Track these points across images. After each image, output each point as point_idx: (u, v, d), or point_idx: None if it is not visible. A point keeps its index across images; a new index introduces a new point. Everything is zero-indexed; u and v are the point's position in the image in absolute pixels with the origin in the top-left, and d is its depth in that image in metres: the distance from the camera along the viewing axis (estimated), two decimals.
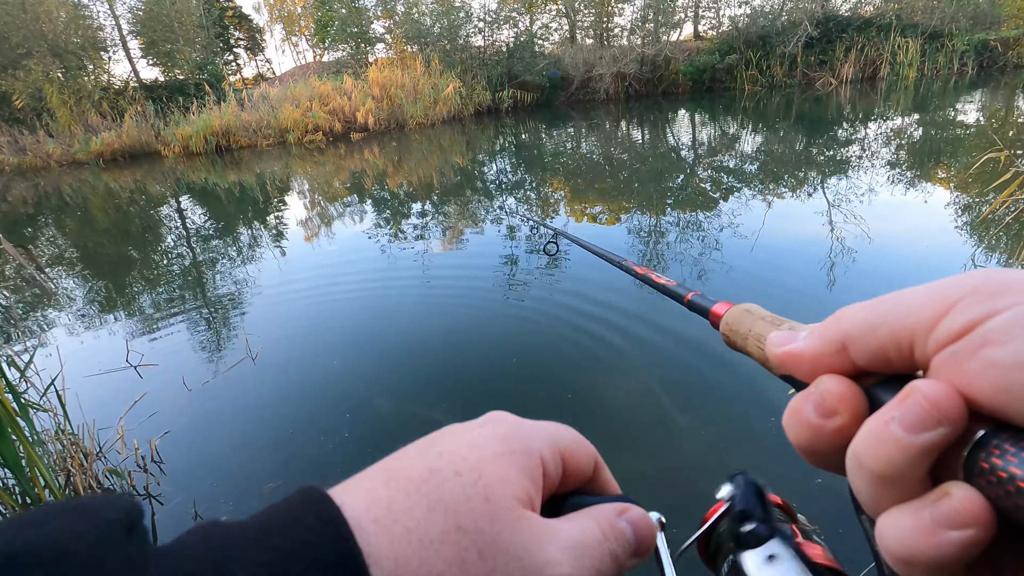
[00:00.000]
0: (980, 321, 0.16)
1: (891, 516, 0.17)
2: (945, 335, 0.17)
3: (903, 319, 0.18)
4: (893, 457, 0.17)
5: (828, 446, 0.20)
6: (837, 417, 0.20)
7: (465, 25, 19.24)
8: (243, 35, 30.33)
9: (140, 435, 2.33)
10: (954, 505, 0.16)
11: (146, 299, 4.24)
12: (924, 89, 13.38)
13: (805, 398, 0.21)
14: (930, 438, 0.16)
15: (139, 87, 18.28)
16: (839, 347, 0.20)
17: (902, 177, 5.55)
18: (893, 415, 0.17)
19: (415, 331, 3.14)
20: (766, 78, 17.37)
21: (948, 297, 0.17)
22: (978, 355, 0.16)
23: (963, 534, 0.16)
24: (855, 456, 0.18)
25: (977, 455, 0.16)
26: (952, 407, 0.16)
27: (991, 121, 8.32)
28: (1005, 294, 0.16)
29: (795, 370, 0.22)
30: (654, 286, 0.56)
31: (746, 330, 0.32)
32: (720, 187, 5.98)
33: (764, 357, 0.29)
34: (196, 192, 9.47)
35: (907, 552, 0.17)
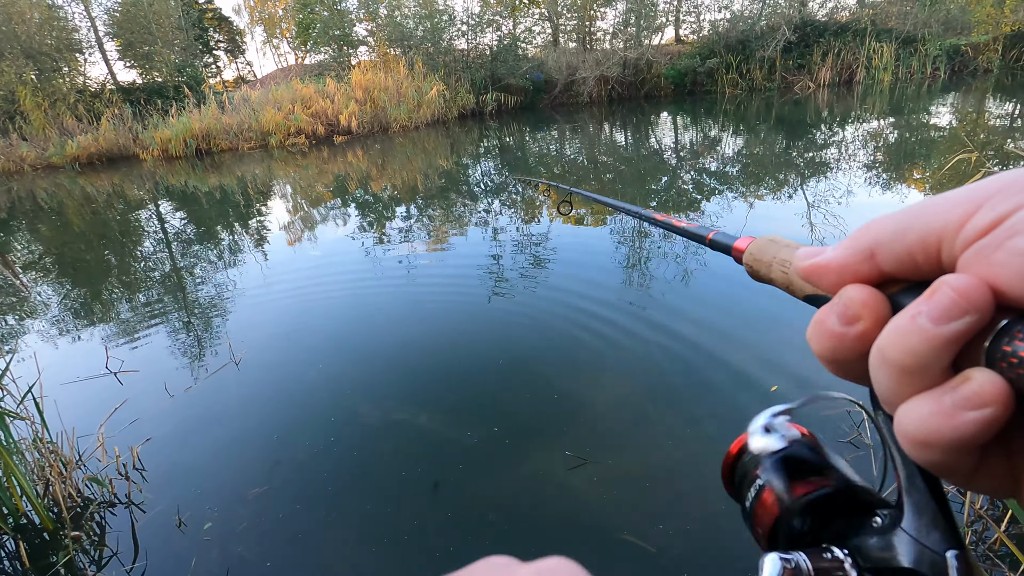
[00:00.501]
0: (1008, 215, 0.16)
1: (912, 403, 0.18)
2: (973, 232, 0.17)
3: (932, 221, 0.18)
4: (919, 348, 0.17)
5: (851, 353, 0.20)
6: (860, 323, 0.20)
7: (448, 28, 19.24)
8: (223, 37, 29.97)
9: (121, 442, 2.29)
10: (974, 388, 0.16)
11: (126, 305, 4.16)
12: (899, 93, 13.69)
13: (829, 310, 0.21)
14: (957, 327, 0.16)
15: (116, 89, 17.96)
16: (868, 254, 0.20)
17: (879, 178, 5.67)
18: (921, 309, 0.17)
19: (401, 333, 3.12)
20: (746, 82, 17.63)
21: (976, 198, 0.17)
22: (1004, 246, 0.16)
23: (982, 413, 0.16)
24: (880, 351, 0.18)
25: (1000, 341, 0.16)
26: (979, 296, 0.16)
27: (963, 124, 8.54)
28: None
29: (822, 282, 0.22)
30: (675, 230, 0.56)
31: (770, 257, 0.31)
32: (703, 189, 6.05)
33: (788, 281, 0.29)
34: (176, 196, 9.32)
35: (926, 434, 0.17)
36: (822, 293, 0.23)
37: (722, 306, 3.08)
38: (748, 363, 2.49)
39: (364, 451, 2.15)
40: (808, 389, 2.21)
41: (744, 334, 2.77)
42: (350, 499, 1.91)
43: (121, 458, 2.18)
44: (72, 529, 1.90)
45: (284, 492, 1.96)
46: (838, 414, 2.07)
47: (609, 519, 1.74)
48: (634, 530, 1.68)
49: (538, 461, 2.02)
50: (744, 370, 2.44)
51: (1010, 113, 9.13)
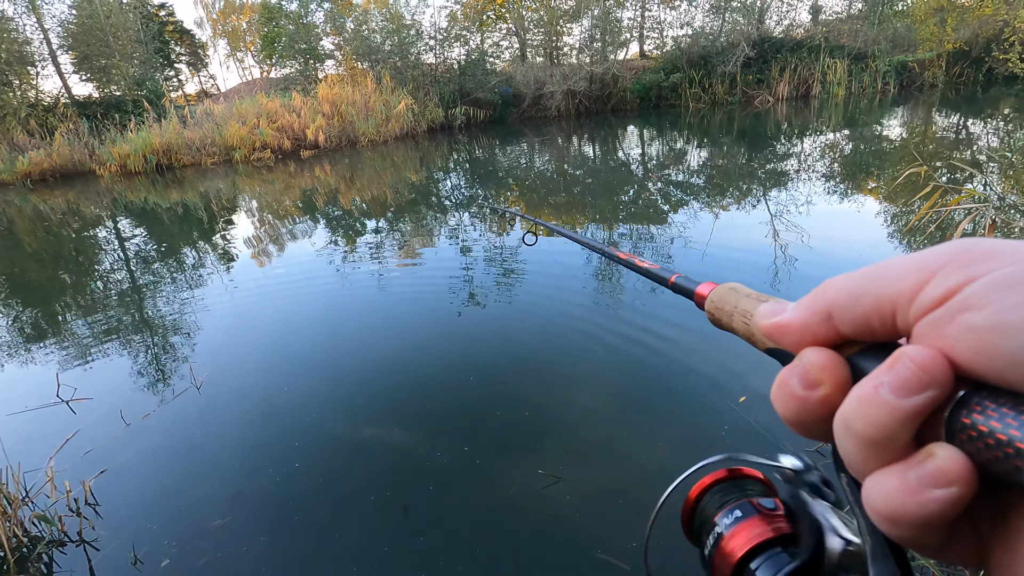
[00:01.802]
0: (959, 288, 0.17)
1: (878, 478, 0.18)
2: (926, 303, 0.18)
3: (886, 288, 0.19)
4: (883, 420, 0.17)
5: (814, 417, 0.20)
6: (821, 388, 0.20)
7: (416, 43, 19.28)
8: (185, 50, 29.38)
9: (72, 476, 2.17)
10: (938, 464, 0.17)
11: (80, 328, 3.98)
12: (852, 106, 14.27)
13: (790, 371, 0.21)
14: (919, 401, 0.17)
15: (71, 103, 17.37)
16: (825, 316, 0.21)
17: (836, 189, 5.88)
18: (883, 380, 0.18)
19: (369, 351, 3.07)
20: (709, 96, 18.13)
21: (929, 266, 0.18)
22: (957, 320, 0.17)
23: (947, 492, 0.16)
24: (844, 421, 0.19)
25: (958, 413, 0.17)
26: (939, 370, 0.17)
27: (912, 136, 8.95)
28: (982, 262, 0.17)
29: (783, 341, 0.23)
30: (637, 270, 0.56)
31: (732, 307, 0.32)
32: (670, 200, 6.16)
33: (750, 332, 0.29)
34: (135, 213, 9.02)
35: (893, 511, 0.17)
36: (783, 349, 0.23)
37: (692, 317, 3.13)
38: (718, 373, 2.52)
39: (331, 476, 2.09)
40: None
41: (713, 344, 2.81)
42: (316, 527, 1.84)
43: (72, 493, 2.07)
44: (17, 572, 1.78)
45: (247, 523, 1.89)
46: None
47: (583, 538, 1.72)
48: (608, 548, 1.66)
49: (510, 480, 1.99)
50: (715, 380, 2.47)
51: (955, 125, 9.60)
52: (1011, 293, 0.16)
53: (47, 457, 2.25)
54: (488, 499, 1.92)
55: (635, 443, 2.12)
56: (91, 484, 2.12)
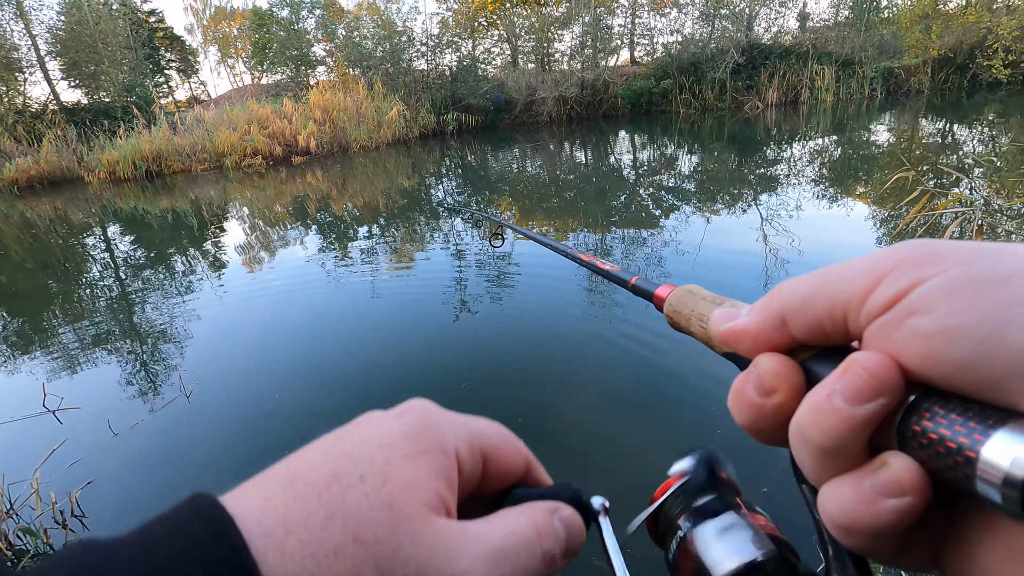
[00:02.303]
0: (906, 292, 0.17)
1: (833, 487, 0.18)
2: (875, 307, 0.18)
3: (837, 293, 0.19)
4: (836, 429, 0.17)
5: (770, 423, 0.21)
6: (776, 395, 0.20)
7: (408, 49, 19.32)
8: (175, 57, 29.30)
9: (59, 487, 2.13)
10: (892, 474, 0.17)
11: (67, 336, 3.93)
12: (840, 112, 14.44)
13: (746, 379, 0.21)
14: (871, 408, 0.17)
15: (59, 110, 17.25)
16: (780, 321, 0.21)
17: (826, 193, 5.93)
18: (835, 388, 0.18)
19: (360, 359, 3.05)
20: (699, 102, 18.30)
21: (878, 270, 0.18)
22: (905, 325, 0.17)
23: (901, 501, 0.16)
24: (799, 429, 0.19)
25: (909, 420, 0.17)
26: (890, 377, 0.17)
27: (900, 141, 9.06)
28: (929, 264, 0.17)
29: (738, 346, 0.22)
30: (599, 272, 0.56)
31: (689, 311, 0.32)
32: (661, 205, 6.19)
33: (707, 336, 0.29)
34: (124, 220, 8.95)
35: (849, 521, 0.17)
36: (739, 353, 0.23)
37: None
38: (711, 376, 2.52)
39: None
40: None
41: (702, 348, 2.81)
42: None
43: (58, 504, 2.03)
44: None
45: None
46: None
47: None
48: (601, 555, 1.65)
49: None
50: (707, 383, 2.47)
51: (941, 131, 9.74)
52: (957, 297, 0.16)
53: (32, 468, 2.21)
54: None
55: (628, 448, 2.12)
56: (77, 495, 2.08)
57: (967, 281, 0.16)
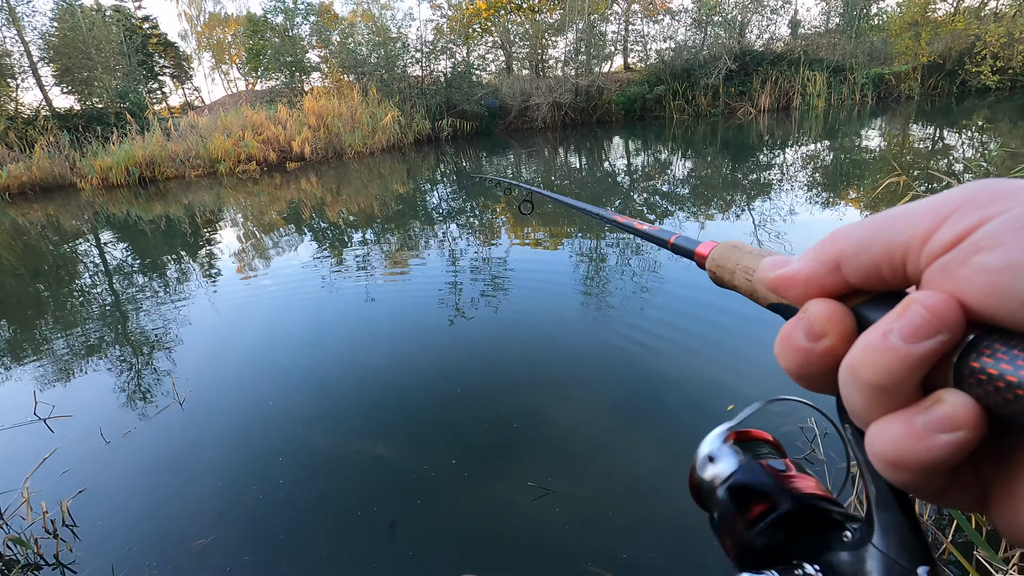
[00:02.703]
0: (972, 230, 0.16)
1: (883, 423, 0.18)
2: (938, 246, 0.17)
3: (898, 234, 0.18)
4: (891, 367, 0.17)
5: (819, 368, 0.20)
6: (826, 339, 0.20)
7: (402, 55, 19.37)
8: (169, 63, 29.25)
9: (49, 497, 2.11)
10: (946, 410, 0.16)
11: (59, 344, 3.89)
12: (832, 117, 14.56)
13: (794, 324, 0.21)
14: (929, 346, 0.17)
15: (52, 116, 17.16)
16: (834, 266, 0.20)
17: (819, 198, 5.97)
18: (892, 327, 0.17)
19: (355, 365, 3.04)
20: (692, 107, 18.42)
21: (942, 210, 0.18)
22: (969, 262, 0.16)
23: (954, 436, 0.16)
24: (851, 369, 0.18)
25: (968, 358, 0.16)
26: (951, 314, 0.16)
27: (891, 146, 9.14)
28: (996, 202, 0.16)
29: (788, 293, 0.22)
30: (637, 233, 0.55)
31: (734, 264, 0.31)
32: (655, 210, 6.22)
33: (752, 289, 0.28)
34: (117, 226, 8.90)
35: (899, 456, 0.17)
36: (787, 303, 0.23)
37: (677, 325, 3.14)
38: (707, 382, 2.53)
39: (317, 492, 2.05)
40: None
41: (701, 353, 2.82)
42: (303, 545, 1.81)
43: (49, 514, 2.01)
44: None
45: (231, 542, 1.85)
46: (792, 430, 2.12)
47: (573, 550, 1.71)
48: (599, 560, 1.65)
49: (499, 492, 1.97)
50: (703, 389, 2.48)
51: (931, 136, 9.83)
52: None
53: (23, 477, 2.19)
54: (477, 512, 1.90)
55: (625, 453, 2.12)
56: (69, 504, 2.06)
57: None
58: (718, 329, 3.04)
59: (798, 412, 2.17)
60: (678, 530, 1.72)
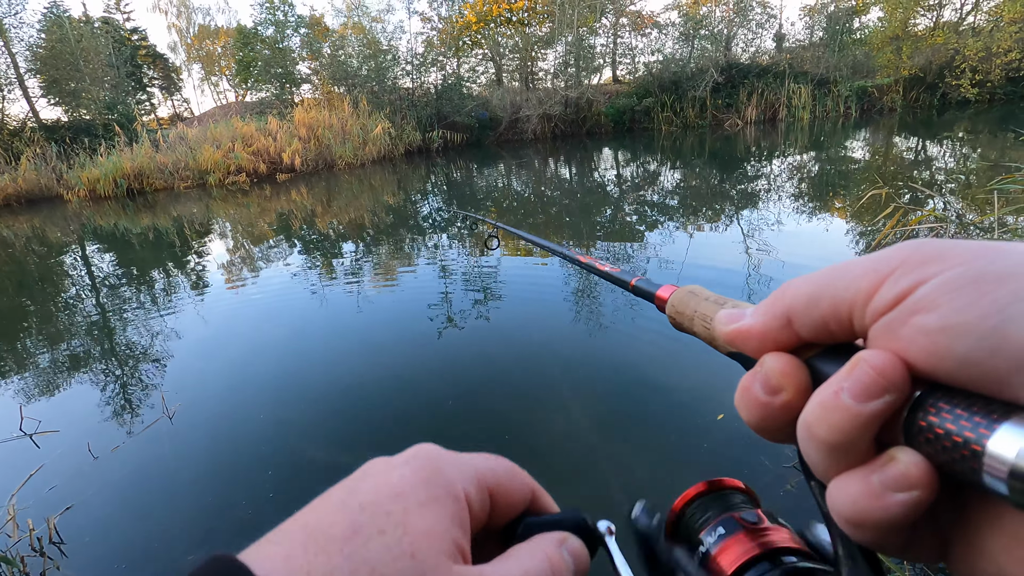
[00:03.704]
0: (911, 290, 0.17)
1: (841, 482, 0.18)
2: (880, 305, 0.18)
3: (843, 291, 0.19)
4: (844, 425, 0.18)
5: (777, 421, 0.21)
6: (783, 393, 0.20)
7: (393, 67, 19.48)
8: (158, 74, 29.15)
9: (36, 513, 2.08)
10: (900, 469, 0.17)
11: (45, 358, 3.84)
12: (817, 129, 14.81)
13: (752, 378, 0.22)
14: (878, 405, 0.17)
15: (38, 127, 17.02)
16: (785, 321, 0.21)
17: (805, 208, 6.06)
18: (843, 385, 0.18)
19: (345, 377, 3.02)
20: (680, 119, 18.67)
21: (882, 269, 0.18)
22: (910, 323, 0.17)
23: (909, 495, 0.17)
24: (807, 426, 0.19)
25: (916, 416, 0.17)
26: (897, 374, 0.17)
27: (875, 157, 9.31)
28: (932, 263, 0.17)
29: (744, 346, 0.23)
30: (598, 273, 0.56)
31: (692, 311, 0.32)
32: (645, 220, 6.28)
33: (711, 336, 0.29)
34: (104, 238, 8.82)
35: (858, 515, 0.18)
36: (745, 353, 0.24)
37: (668, 336, 3.17)
38: (696, 392, 2.55)
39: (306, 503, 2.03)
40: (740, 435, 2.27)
41: (691, 363, 2.84)
42: None
43: (35, 531, 1.97)
44: None
45: None
46: None
47: None
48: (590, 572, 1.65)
49: None
50: (692, 399, 2.49)
51: (914, 148, 10.03)
52: (960, 295, 0.16)
53: (8, 494, 2.15)
54: None
55: (615, 464, 2.13)
56: (56, 521, 2.03)
57: (969, 279, 0.16)
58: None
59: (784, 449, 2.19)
60: None
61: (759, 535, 0.27)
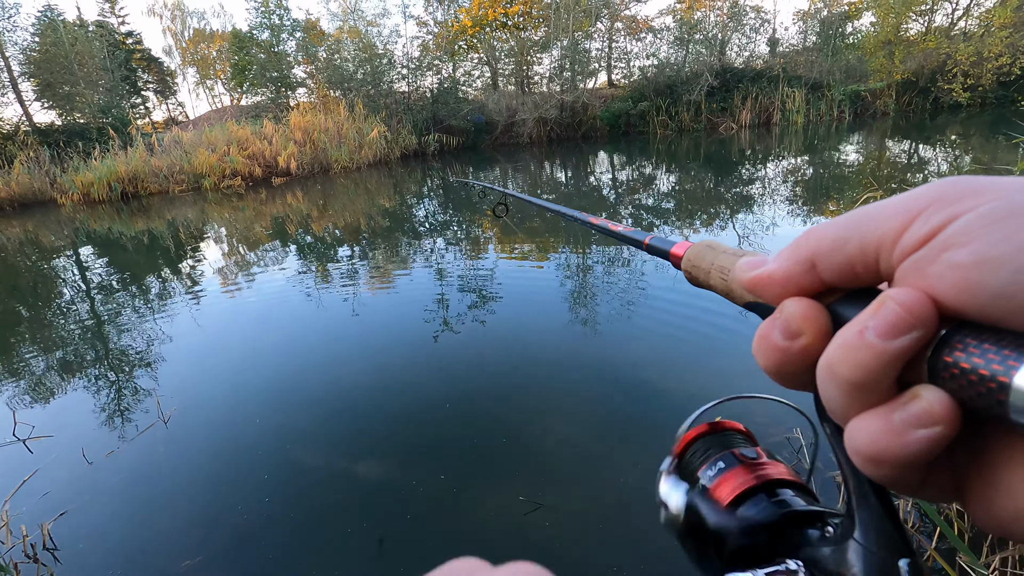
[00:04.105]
0: (942, 227, 0.17)
1: (862, 420, 0.18)
2: (910, 243, 0.18)
3: (871, 232, 0.19)
4: (868, 364, 0.17)
5: (796, 366, 0.21)
6: (803, 337, 0.20)
7: (388, 71, 19.49)
8: (153, 78, 29.08)
9: (30, 519, 2.06)
10: (923, 406, 0.17)
11: (38, 362, 3.82)
12: (811, 133, 14.91)
13: (771, 323, 0.21)
14: (904, 343, 0.17)
15: (32, 131, 16.94)
16: (809, 265, 0.21)
17: (800, 211, 6.09)
18: (868, 324, 0.17)
19: (341, 381, 3.02)
20: (675, 123, 18.74)
21: (912, 208, 0.18)
22: (940, 259, 0.17)
23: (931, 431, 0.16)
24: (828, 367, 0.19)
25: (941, 353, 0.17)
26: (924, 310, 0.17)
27: (868, 161, 9.38)
28: (965, 199, 0.17)
29: (765, 293, 0.22)
30: (611, 234, 0.55)
31: (709, 264, 0.31)
32: (640, 223, 6.29)
33: (728, 289, 0.29)
34: (98, 242, 8.78)
35: (877, 452, 0.17)
36: (763, 302, 0.23)
37: (662, 333, 3.18)
38: (694, 394, 2.56)
39: (304, 509, 2.03)
40: (748, 414, 2.28)
41: (688, 365, 2.85)
42: (290, 563, 1.79)
43: (29, 537, 1.96)
44: None
45: (218, 563, 1.82)
46: (768, 420, 2.15)
47: (566, 563, 1.71)
48: (591, 573, 1.65)
49: (490, 507, 1.97)
50: (690, 401, 2.50)
51: (907, 151, 10.10)
52: (994, 228, 0.16)
53: (2, 500, 2.14)
54: (467, 528, 1.89)
55: (613, 466, 2.13)
56: (50, 527, 2.01)
57: (1006, 213, 0.16)
58: (703, 336, 3.08)
59: (784, 422, 2.20)
60: (665, 538, 1.73)
61: (757, 468, 0.27)
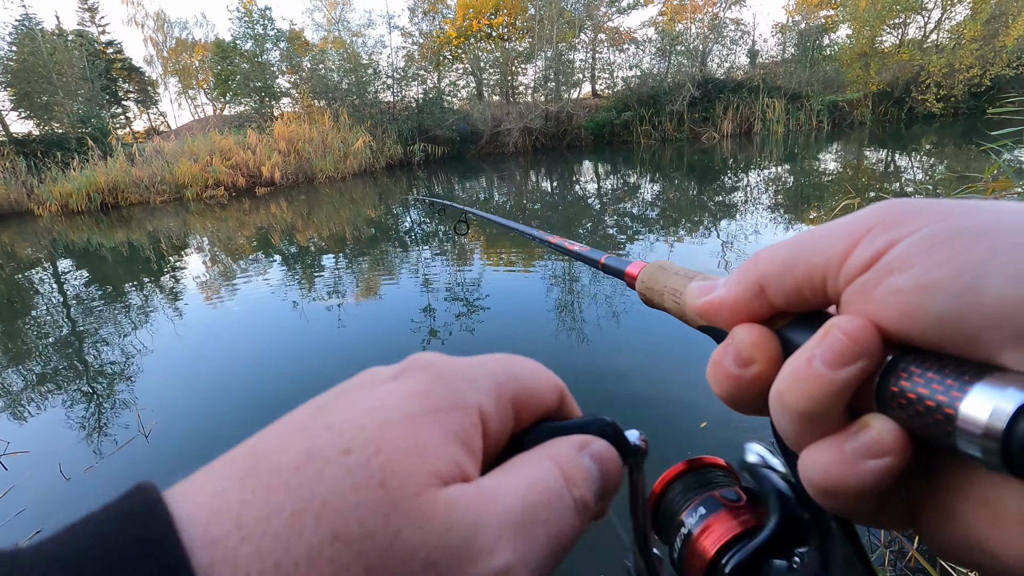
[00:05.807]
0: (885, 250, 0.17)
1: (813, 450, 0.18)
2: (854, 267, 0.18)
3: (816, 256, 0.19)
4: (816, 393, 0.17)
5: (749, 393, 0.21)
6: (754, 365, 0.20)
7: (373, 81, 19.52)
8: (134, 88, 28.75)
9: (3, 538, 2.01)
10: (872, 436, 0.17)
11: (12, 377, 3.72)
12: (791, 142, 15.19)
13: (723, 351, 0.21)
14: (851, 372, 0.17)
15: (8, 141, 16.64)
16: (757, 290, 0.21)
17: (781, 219, 6.20)
18: (815, 352, 0.17)
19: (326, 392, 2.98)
20: (659, 133, 19.00)
21: (856, 231, 0.18)
22: (883, 284, 0.17)
23: (882, 462, 0.16)
24: (779, 396, 0.18)
25: (887, 381, 0.16)
26: (868, 339, 0.17)
27: (846, 169, 9.58)
28: (906, 222, 0.17)
29: (716, 319, 0.22)
30: (568, 253, 0.55)
31: (661, 286, 0.31)
32: (626, 231, 6.35)
33: (681, 311, 0.28)
34: (76, 253, 8.62)
35: (830, 483, 0.17)
36: (716, 326, 0.23)
37: (652, 345, 3.20)
38: (679, 400, 2.57)
39: None
40: (736, 422, 2.30)
41: (673, 371, 2.87)
42: None
43: None
44: None
45: None
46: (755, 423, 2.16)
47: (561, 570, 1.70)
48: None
49: None
50: (675, 407, 2.52)
51: (883, 160, 10.34)
52: (935, 252, 0.16)
53: None
54: None
55: None
56: None
57: (944, 237, 0.16)
58: (685, 347, 3.11)
59: None
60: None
61: (739, 514, 0.26)
